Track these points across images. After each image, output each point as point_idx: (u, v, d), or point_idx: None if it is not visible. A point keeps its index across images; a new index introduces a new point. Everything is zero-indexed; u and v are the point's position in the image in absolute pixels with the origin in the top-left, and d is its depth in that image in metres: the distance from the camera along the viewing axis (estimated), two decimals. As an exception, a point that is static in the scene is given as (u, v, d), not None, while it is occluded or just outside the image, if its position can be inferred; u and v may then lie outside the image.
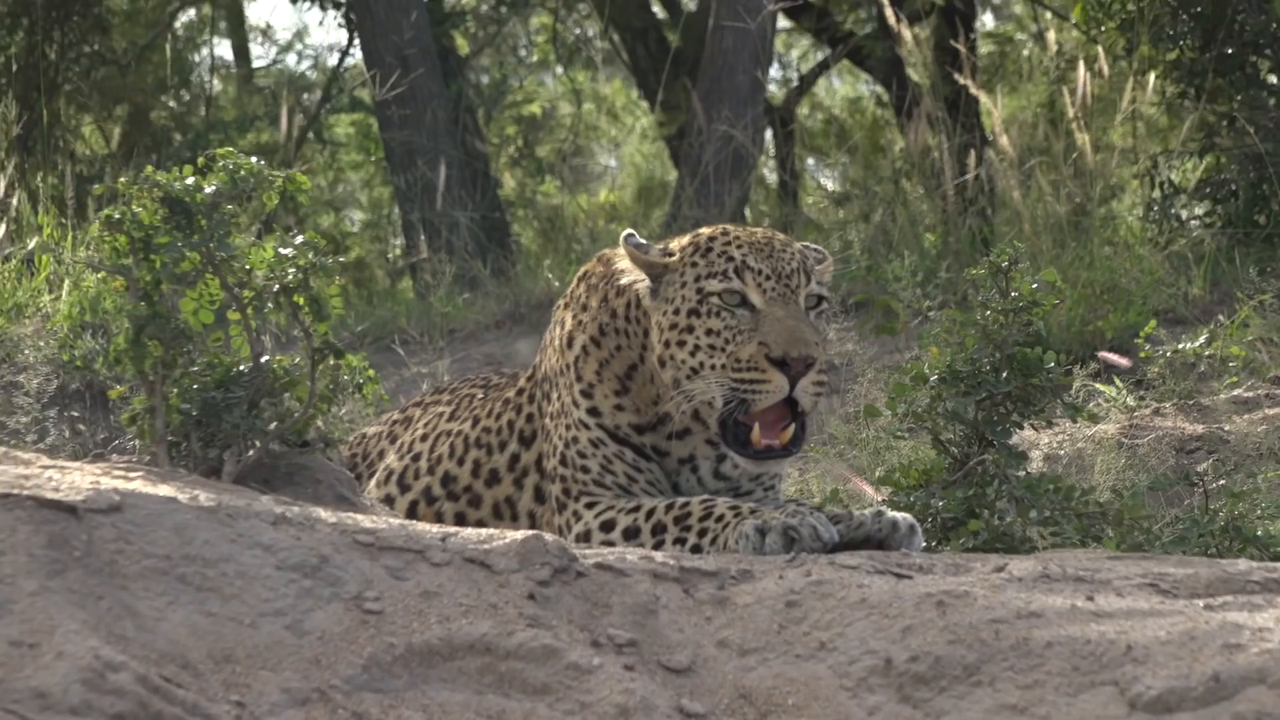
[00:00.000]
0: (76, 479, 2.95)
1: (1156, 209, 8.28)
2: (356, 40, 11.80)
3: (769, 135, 12.33)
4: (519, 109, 13.97)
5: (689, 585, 3.09)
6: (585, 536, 3.68)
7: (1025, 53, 12.85)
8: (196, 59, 13.08)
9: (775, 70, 14.13)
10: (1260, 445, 5.32)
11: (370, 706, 2.71)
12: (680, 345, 3.65)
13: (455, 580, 2.95)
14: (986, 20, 14.71)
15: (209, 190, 3.47)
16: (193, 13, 13.43)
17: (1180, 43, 8.25)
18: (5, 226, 6.31)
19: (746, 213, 10.69)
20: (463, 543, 3.05)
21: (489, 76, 13.69)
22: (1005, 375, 3.93)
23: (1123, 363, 5.58)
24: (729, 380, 3.56)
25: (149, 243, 3.43)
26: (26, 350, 5.16)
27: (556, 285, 8.68)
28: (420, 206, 10.20)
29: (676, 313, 3.67)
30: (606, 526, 3.65)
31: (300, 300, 3.49)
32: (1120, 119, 8.43)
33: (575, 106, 14.33)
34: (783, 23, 12.94)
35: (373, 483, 4.20)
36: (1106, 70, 8.22)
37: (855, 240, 8.33)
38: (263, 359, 3.53)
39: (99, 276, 3.63)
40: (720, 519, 3.51)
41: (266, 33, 16.99)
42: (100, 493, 2.88)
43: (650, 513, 3.61)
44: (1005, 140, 8.03)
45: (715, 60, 10.30)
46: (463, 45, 12.74)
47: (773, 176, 12.94)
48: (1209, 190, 8.25)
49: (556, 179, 13.58)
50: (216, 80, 13.45)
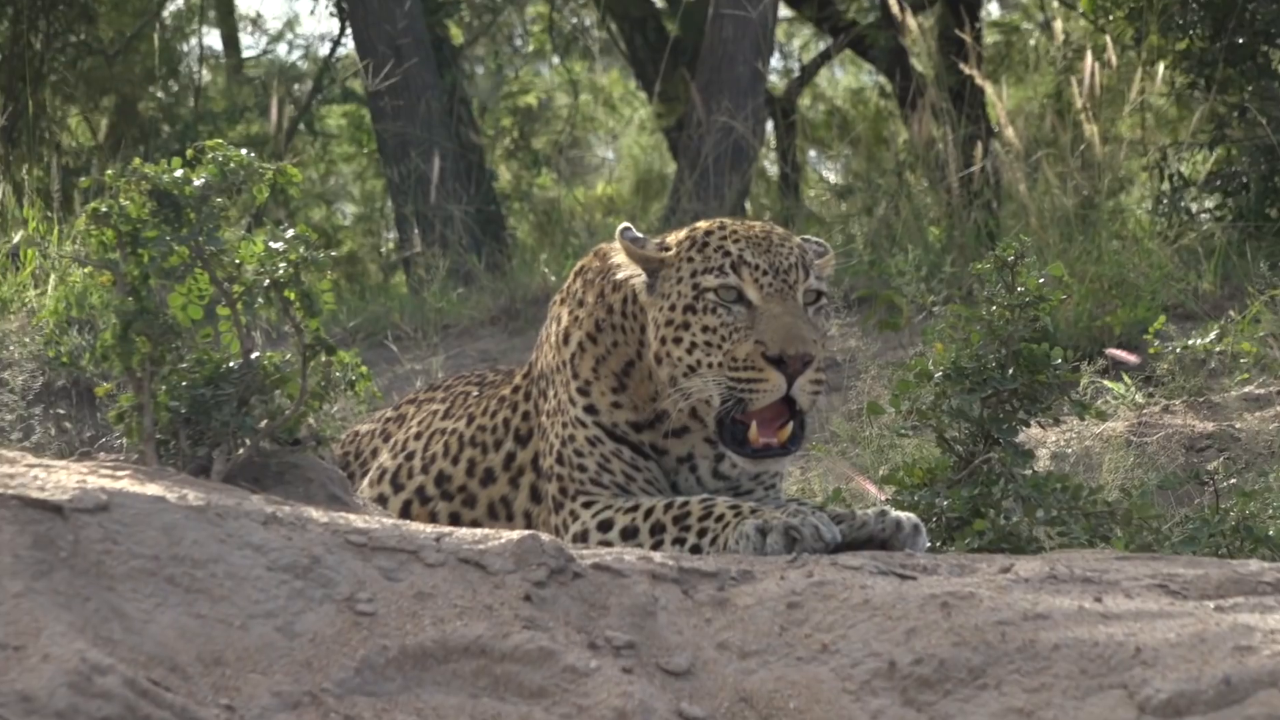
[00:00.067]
0: (62, 478, 2.93)
1: (1166, 202, 8.26)
2: (348, 29, 11.76)
3: (770, 127, 12.32)
4: (514, 100, 13.96)
5: (688, 586, 3.07)
6: (582, 536, 3.67)
7: (1032, 42, 12.84)
8: (185, 49, 13.07)
9: (776, 60, 14.15)
10: (1272, 443, 5.33)
11: (363, 710, 2.70)
12: (676, 342, 3.63)
13: (450, 581, 2.94)
14: (992, 9, 14.71)
15: (198, 183, 3.46)
16: (181, 1, 13.39)
17: (1190, 32, 8.23)
18: (-10, 220, 6.30)
19: (747, 206, 10.68)
20: (457, 543, 3.04)
21: (484, 67, 13.69)
22: (1011, 372, 3.93)
23: (1131, 359, 5.59)
24: (726, 379, 3.55)
25: (136, 236, 3.42)
26: (11, 346, 5.15)
27: (553, 280, 8.66)
28: (414, 199, 10.18)
29: (673, 309, 3.65)
30: (604, 526, 3.64)
31: (291, 295, 3.47)
32: (1129, 110, 8.41)
33: (572, 97, 14.31)
34: (784, 11, 12.93)
35: (366, 482, 4.19)
36: (1115, 60, 8.20)
37: (858, 234, 8.32)
38: (253, 355, 3.52)
39: (85, 271, 3.66)
40: (720, 518, 3.49)
41: (256, 22, 17.05)
42: (87, 492, 2.86)
43: (649, 512, 3.60)
44: (1011, 132, 8.01)
45: (715, 50, 10.27)
46: (457, 35, 12.72)
47: (774, 169, 12.93)
48: (1219, 183, 8.23)
49: (553, 171, 13.58)
50: (206, 70, 13.43)
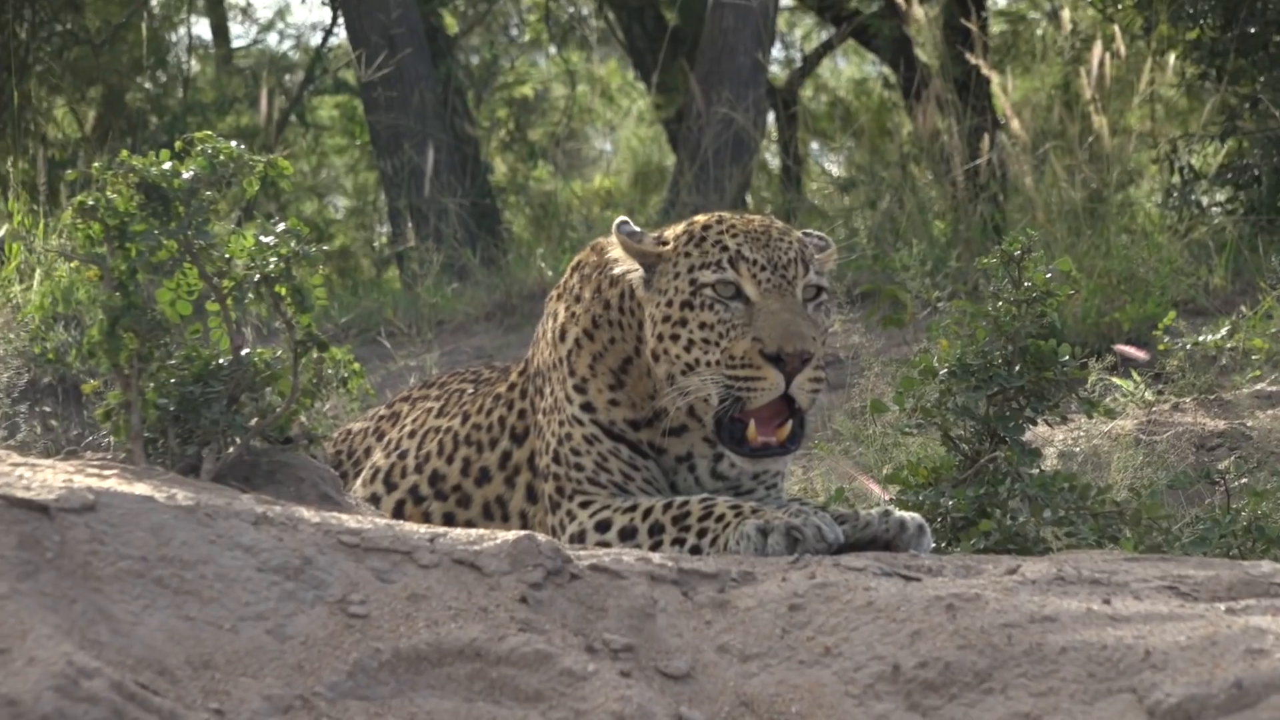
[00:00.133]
0: (48, 477, 2.93)
1: (1176, 195, 8.24)
2: (340, 19, 11.71)
3: (771, 118, 12.31)
4: (510, 91, 13.92)
5: (688, 588, 3.06)
6: (580, 537, 3.66)
7: (1039, 32, 12.82)
8: (173, 38, 13.04)
9: (777, 50, 14.10)
10: (1283, 441, 5.29)
11: (355, 714, 2.69)
12: (674, 339, 3.61)
13: (444, 583, 2.93)
14: (999, -2, 14.64)
15: (187, 176, 3.45)
16: (169, -11, 13.33)
17: (1201, 21, 8.20)
18: (-26, 213, 6.28)
19: (748, 199, 10.66)
20: (452, 544, 3.03)
21: (479, 57, 13.66)
22: (1018, 369, 3.92)
23: (1140, 356, 5.60)
24: (723, 377, 3.54)
25: (124, 230, 3.41)
26: (-4, 342, 5.12)
27: (549, 275, 8.65)
28: (407, 192, 10.14)
29: (669, 305, 3.63)
30: (602, 526, 3.63)
31: (282, 290, 3.47)
32: (1138, 101, 8.40)
33: (569, 88, 14.29)
34: (785, 0, 12.89)
35: (358, 481, 4.19)
36: (1124, 50, 8.19)
37: (861, 228, 8.30)
38: (243, 352, 3.53)
39: (72, 266, 3.68)
40: (720, 519, 3.48)
41: (246, 11, 17.03)
42: (73, 491, 2.85)
43: (647, 512, 3.59)
44: (1018, 123, 7.99)
45: (715, 40, 10.23)
46: (451, 24, 12.69)
47: (775, 161, 12.92)
48: (1230, 175, 8.22)
49: (549, 164, 13.56)
50: (194, 61, 13.40)
